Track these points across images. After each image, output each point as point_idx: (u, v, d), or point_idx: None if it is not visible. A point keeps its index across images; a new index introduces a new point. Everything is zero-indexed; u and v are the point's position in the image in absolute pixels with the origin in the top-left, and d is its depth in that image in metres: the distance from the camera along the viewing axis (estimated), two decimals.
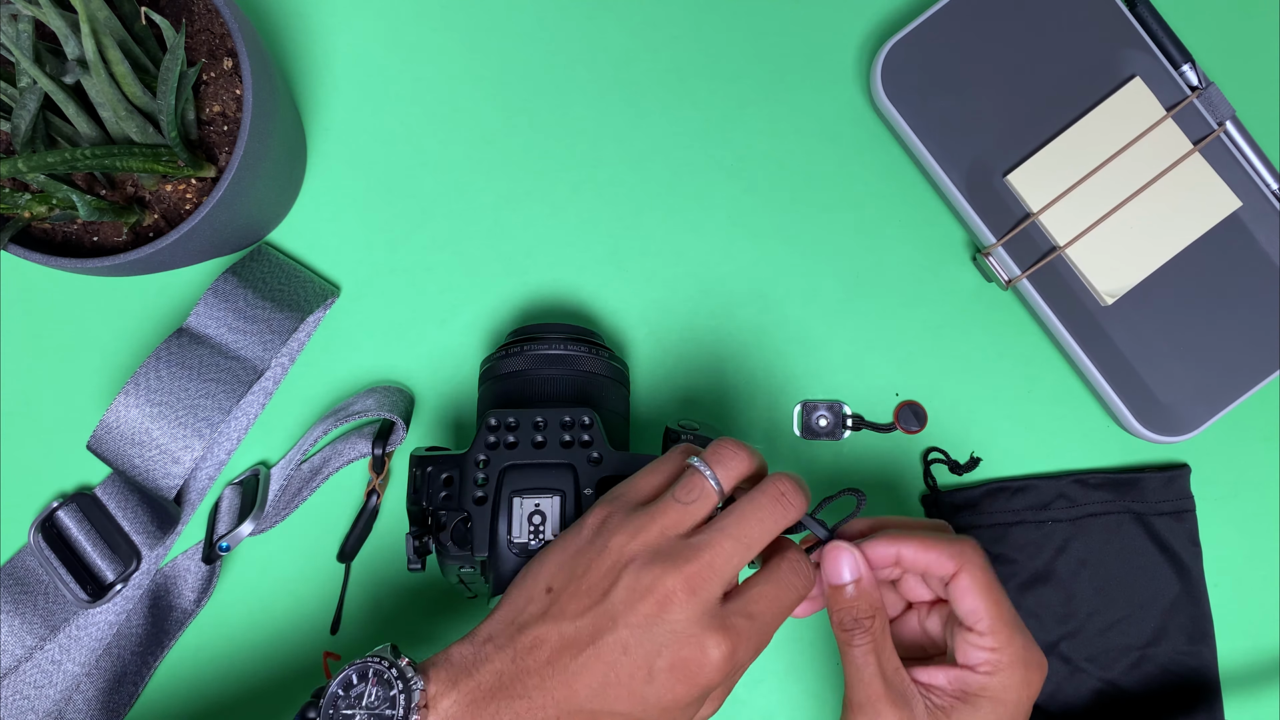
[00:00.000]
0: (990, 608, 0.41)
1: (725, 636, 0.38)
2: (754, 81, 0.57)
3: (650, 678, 0.37)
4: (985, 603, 0.41)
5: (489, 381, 0.49)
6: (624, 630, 0.38)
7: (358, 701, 0.39)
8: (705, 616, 0.38)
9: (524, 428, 0.45)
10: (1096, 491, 0.54)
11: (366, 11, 0.57)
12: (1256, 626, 0.55)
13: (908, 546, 0.42)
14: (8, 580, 0.53)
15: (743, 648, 0.38)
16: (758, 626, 0.39)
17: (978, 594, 0.41)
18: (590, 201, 0.56)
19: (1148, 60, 0.54)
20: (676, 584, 0.38)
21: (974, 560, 0.41)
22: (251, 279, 0.52)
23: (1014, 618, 0.41)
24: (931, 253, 0.56)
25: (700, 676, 0.38)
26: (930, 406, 0.55)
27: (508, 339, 0.50)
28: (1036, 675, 0.41)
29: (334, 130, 0.56)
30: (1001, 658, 0.40)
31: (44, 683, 0.53)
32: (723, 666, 0.38)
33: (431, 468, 0.46)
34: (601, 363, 0.49)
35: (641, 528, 0.39)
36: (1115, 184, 0.53)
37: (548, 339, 0.49)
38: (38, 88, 0.43)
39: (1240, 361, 0.53)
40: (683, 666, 0.37)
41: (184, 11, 0.48)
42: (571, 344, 0.49)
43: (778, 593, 0.40)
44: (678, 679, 0.37)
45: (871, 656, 0.41)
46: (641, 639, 0.38)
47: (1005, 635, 0.41)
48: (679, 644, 0.37)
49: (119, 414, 0.49)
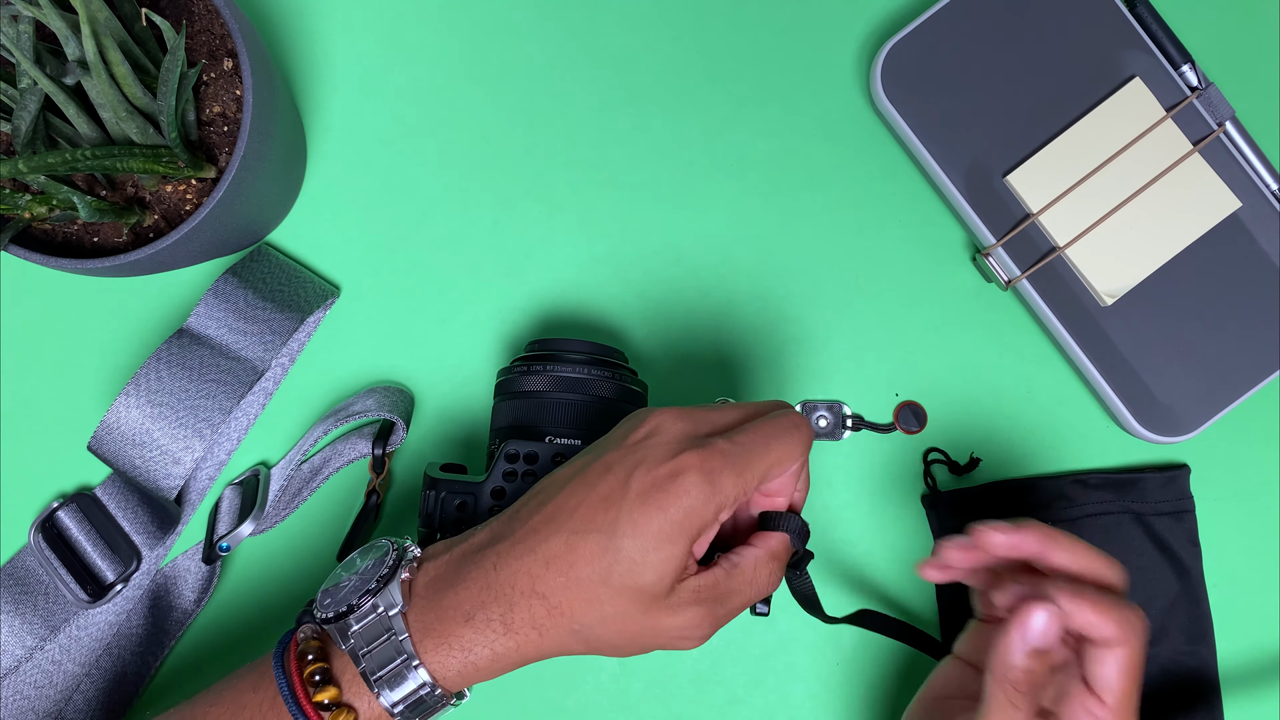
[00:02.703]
0: (1125, 689, 0.39)
1: (705, 451, 0.38)
2: (754, 82, 0.57)
3: (625, 493, 0.37)
4: (1125, 684, 0.39)
5: (505, 397, 0.49)
6: (611, 452, 0.39)
7: (355, 572, 0.40)
8: (690, 439, 0.39)
9: (543, 461, 0.45)
10: (1096, 492, 0.54)
11: (366, 11, 0.57)
12: (1256, 627, 0.55)
13: (1080, 608, 0.38)
14: (8, 580, 0.53)
15: (721, 468, 0.38)
16: (739, 453, 0.38)
17: (1122, 674, 0.39)
18: (590, 201, 0.56)
19: (1147, 61, 0.54)
20: (668, 412, 0.40)
21: (1138, 641, 0.39)
22: (252, 279, 0.52)
23: (1135, 708, 0.40)
24: (931, 253, 0.56)
25: (676, 490, 0.37)
26: (930, 406, 0.56)
27: (528, 350, 0.50)
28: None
29: (334, 130, 0.56)
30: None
31: (44, 683, 0.53)
32: (700, 483, 0.37)
33: (445, 492, 0.46)
34: (621, 387, 0.48)
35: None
36: (1115, 184, 0.53)
37: (569, 359, 0.48)
38: (38, 89, 0.43)
39: (1240, 362, 0.53)
40: (659, 477, 0.37)
41: (184, 12, 0.48)
42: (593, 366, 0.48)
43: (767, 428, 0.40)
44: (648, 492, 0.37)
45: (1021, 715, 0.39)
46: (625, 456, 0.39)
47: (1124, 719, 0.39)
48: (658, 458, 0.38)
49: (119, 414, 0.49)
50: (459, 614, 0.38)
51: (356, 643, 0.38)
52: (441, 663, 0.38)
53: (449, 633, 0.38)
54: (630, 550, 0.37)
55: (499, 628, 0.38)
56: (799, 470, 0.42)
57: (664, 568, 0.37)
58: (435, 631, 0.38)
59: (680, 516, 0.37)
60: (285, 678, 0.38)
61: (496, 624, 0.38)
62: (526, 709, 0.53)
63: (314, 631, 0.39)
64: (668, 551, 0.37)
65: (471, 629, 0.38)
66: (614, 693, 0.54)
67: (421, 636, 0.38)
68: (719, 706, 0.54)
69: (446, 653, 0.38)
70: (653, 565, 0.37)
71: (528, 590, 0.38)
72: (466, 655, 0.38)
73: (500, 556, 0.38)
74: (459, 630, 0.38)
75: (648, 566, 0.37)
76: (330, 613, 0.38)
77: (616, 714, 0.54)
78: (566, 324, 0.56)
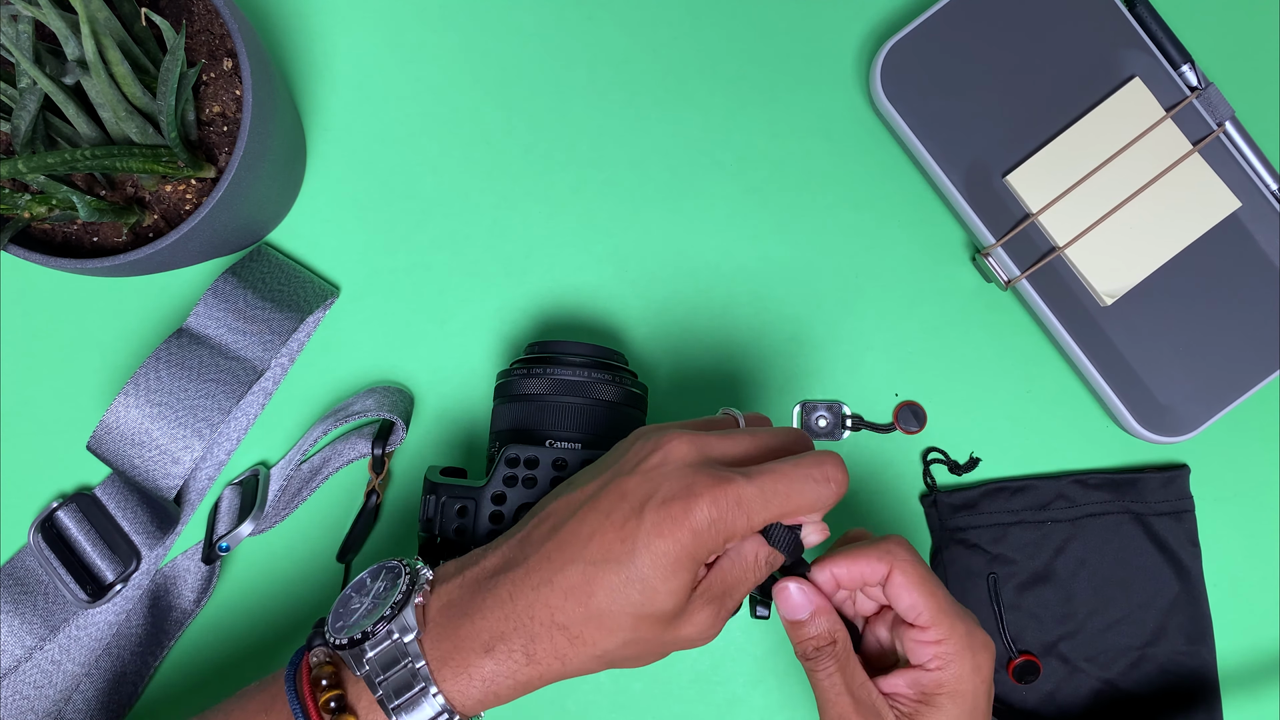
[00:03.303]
0: (926, 599, 0.40)
1: (720, 480, 0.38)
2: (754, 82, 0.57)
3: (640, 521, 0.37)
4: (920, 595, 0.40)
5: (505, 400, 0.49)
6: (624, 478, 0.39)
7: (366, 595, 0.40)
8: (705, 466, 0.38)
9: (544, 466, 0.45)
10: (1096, 492, 0.54)
11: (366, 12, 0.57)
12: (1255, 627, 0.55)
13: (838, 565, 0.41)
14: (8, 580, 0.53)
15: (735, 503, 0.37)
16: (756, 487, 0.38)
17: (912, 588, 0.41)
18: (590, 202, 0.56)
19: (1147, 61, 0.54)
20: (679, 436, 0.39)
21: (903, 556, 0.41)
22: (251, 279, 0.52)
23: (952, 605, 0.41)
24: (931, 253, 0.56)
25: (689, 521, 0.37)
26: (930, 406, 0.56)
27: (527, 353, 0.50)
28: (985, 657, 0.41)
29: (334, 130, 0.56)
30: (948, 648, 0.40)
31: (44, 683, 0.53)
32: (712, 515, 0.37)
33: (446, 497, 0.45)
34: (621, 391, 0.48)
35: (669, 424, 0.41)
36: (1115, 184, 0.53)
37: (569, 362, 0.48)
38: (38, 88, 0.43)
39: (1239, 362, 0.53)
40: (672, 504, 0.37)
41: (184, 12, 0.48)
42: (594, 369, 0.48)
43: (797, 474, 0.39)
44: (663, 521, 0.37)
45: (838, 677, 0.41)
46: (639, 484, 0.38)
47: (947, 625, 0.40)
48: (672, 486, 0.38)
49: (119, 414, 0.49)
50: (478, 644, 0.38)
51: (372, 669, 0.38)
52: (462, 691, 0.38)
53: (468, 663, 0.38)
54: (648, 580, 0.37)
55: (521, 659, 0.38)
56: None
57: (680, 593, 0.38)
58: (453, 661, 0.38)
59: (693, 545, 0.37)
60: (300, 703, 0.38)
61: (519, 655, 0.38)
62: (526, 709, 0.53)
63: (327, 655, 0.39)
64: (683, 578, 0.38)
65: (493, 660, 0.38)
66: (614, 693, 0.54)
67: (439, 665, 0.38)
68: (719, 706, 0.54)
69: (467, 682, 0.38)
70: (671, 592, 0.38)
71: (548, 621, 0.38)
72: (488, 685, 0.38)
73: (516, 585, 0.38)
74: (479, 661, 0.38)
75: (666, 594, 0.38)
76: (344, 638, 0.38)
77: (616, 714, 0.54)
78: (566, 324, 0.56)
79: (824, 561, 0.42)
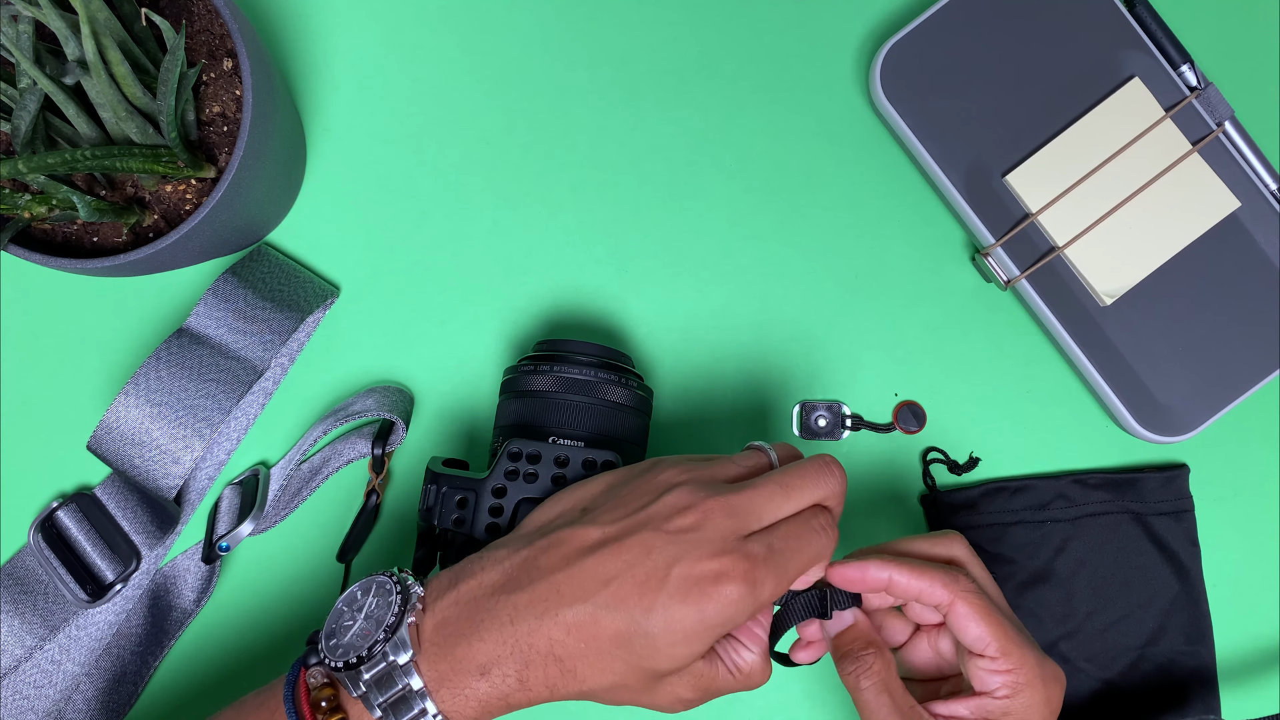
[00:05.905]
0: (994, 631, 0.40)
1: (750, 559, 0.38)
2: (753, 82, 0.57)
3: (664, 583, 0.37)
4: (988, 628, 0.40)
5: (511, 395, 0.49)
6: (652, 533, 0.38)
7: (358, 612, 0.40)
8: (735, 540, 0.38)
9: (545, 462, 0.45)
10: (1095, 491, 0.54)
11: (366, 12, 0.57)
12: (1255, 627, 0.55)
13: (899, 573, 0.41)
14: (8, 580, 0.53)
15: (764, 577, 0.38)
16: (777, 560, 0.39)
17: (978, 621, 0.40)
18: (590, 202, 0.56)
19: (1146, 60, 0.54)
20: (716, 505, 0.39)
21: (966, 588, 0.41)
22: (251, 279, 0.52)
23: (1021, 635, 0.41)
24: (930, 253, 0.56)
25: (718, 596, 0.37)
26: (929, 406, 0.56)
27: (535, 350, 0.50)
28: (1056, 690, 0.41)
29: (334, 130, 0.56)
30: (1019, 678, 0.40)
31: (44, 683, 0.53)
32: (744, 593, 0.37)
33: (447, 488, 0.45)
34: (628, 393, 0.48)
35: (695, 468, 0.41)
36: (1114, 184, 0.53)
37: (577, 361, 0.48)
38: (38, 89, 0.43)
39: (1239, 361, 0.53)
40: (703, 579, 0.37)
41: (184, 12, 0.48)
42: (601, 370, 0.48)
43: (802, 532, 0.40)
44: (689, 590, 0.37)
45: (884, 695, 0.40)
46: (668, 543, 0.38)
47: (1017, 656, 0.40)
48: (702, 555, 0.38)
49: (119, 414, 0.49)
50: (474, 666, 0.38)
51: (369, 690, 0.38)
52: (459, 710, 0.38)
53: (465, 684, 0.38)
54: (658, 639, 0.38)
55: (514, 683, 0.38)
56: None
57: (685, 660, 0.38)
58: (450, 682, 0.38)
59: (716, 621, 0.38)
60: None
61: (513, 679, 0.38)
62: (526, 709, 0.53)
63: (324, 677, 0.39)
64: (694, 647, 0.38)
65: (488, 682, 0.38)
66: None
67: (436, 686, 0.38)
68: (719, 706, 0.54)
69: (464, 702, 0.38)
70: (676, 656, 0.38)
71: (546, 651, 0.38)
72: (483, 705, 0.38)
73: (518, 610, 0.38)
74: (475, 682, 0.38)
75: (671, 657, 0.38)
76: (340, 661, 0.38)
77: (616, 714, 0.54)
78: (566, 324, 0.56)
79: (885, 563, 0.41)
